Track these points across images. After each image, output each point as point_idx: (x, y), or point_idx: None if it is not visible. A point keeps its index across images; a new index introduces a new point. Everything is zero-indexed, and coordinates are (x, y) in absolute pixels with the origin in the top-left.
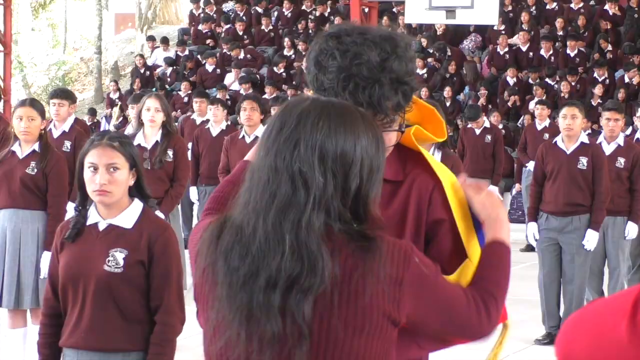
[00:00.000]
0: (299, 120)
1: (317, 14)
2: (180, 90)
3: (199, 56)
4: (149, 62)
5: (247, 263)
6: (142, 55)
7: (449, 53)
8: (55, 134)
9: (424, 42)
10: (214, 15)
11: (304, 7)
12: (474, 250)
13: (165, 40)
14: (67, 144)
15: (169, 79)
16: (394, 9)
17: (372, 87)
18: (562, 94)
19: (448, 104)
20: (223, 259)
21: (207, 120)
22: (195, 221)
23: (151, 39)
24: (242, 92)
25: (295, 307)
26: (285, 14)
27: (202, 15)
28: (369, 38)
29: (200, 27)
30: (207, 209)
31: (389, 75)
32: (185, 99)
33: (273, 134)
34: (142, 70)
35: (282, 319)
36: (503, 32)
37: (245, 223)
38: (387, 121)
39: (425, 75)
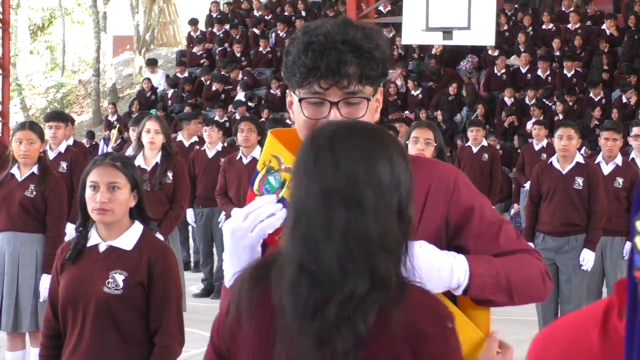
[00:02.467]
0: (332, 141)
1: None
2: (180, 112)
3: (202, 78)
4: (145, 85)
5: (316, 293)
6: (149, 79)
7: (442, 74)
8: (51, 155)
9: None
10: (220, 34)
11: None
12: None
13: (153, 62)
14: (63, 165)
15: (169, 101)
16: (384, 32)
17: (330, 52)
18: (559, 115)
19: (444, 126)
20: (287, 294)
21: (196, 142)
22: (191, 243)
23: (151, 62)
24: (237, 115)
25: (360, 317)
26: (281, 35)
27: (199, 36)
28: (333, 21)
29: (194, 49)
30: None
31: (347, 43)
32: None
33: (309, 161)
34: (148, 94)
35: (352, 331)
36: (498, 53)
37: (305, 254)
38: (351, 90)
39: (420, 95)
